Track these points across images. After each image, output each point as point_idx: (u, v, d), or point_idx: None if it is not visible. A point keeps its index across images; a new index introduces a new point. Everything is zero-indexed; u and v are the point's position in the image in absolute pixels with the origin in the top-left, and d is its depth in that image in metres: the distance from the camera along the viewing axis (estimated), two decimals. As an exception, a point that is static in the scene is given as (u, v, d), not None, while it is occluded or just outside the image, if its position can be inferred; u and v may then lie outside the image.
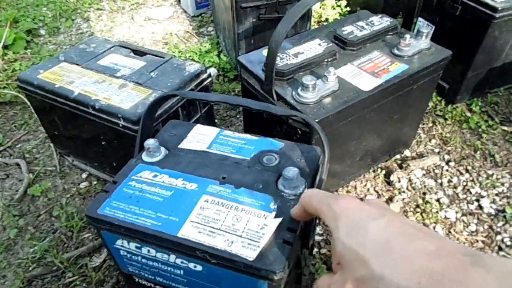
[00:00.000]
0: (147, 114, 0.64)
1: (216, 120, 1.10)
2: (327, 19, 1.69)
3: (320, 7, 1.70)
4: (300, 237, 0.57)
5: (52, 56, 1.58)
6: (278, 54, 0.72)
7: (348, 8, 1.71)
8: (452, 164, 1.08)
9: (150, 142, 0.62)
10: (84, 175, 1.09)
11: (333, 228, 0.31)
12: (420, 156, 1.11)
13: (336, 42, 0.88)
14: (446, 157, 1.10)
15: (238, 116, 1.28)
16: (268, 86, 0.75)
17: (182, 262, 0.55)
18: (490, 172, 1.05)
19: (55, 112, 0.93)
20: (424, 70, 0.83)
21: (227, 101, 0.58)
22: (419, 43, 0.85)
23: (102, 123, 0.83)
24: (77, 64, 0.95)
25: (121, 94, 0.83)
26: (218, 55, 1.51)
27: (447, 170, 1.07)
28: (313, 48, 0.83)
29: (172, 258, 0.55)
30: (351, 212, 0.31)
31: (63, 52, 1.01)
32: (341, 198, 0.33)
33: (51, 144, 1.17)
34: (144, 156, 0.63)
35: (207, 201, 0.55)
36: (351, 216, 0.31)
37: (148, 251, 0.56)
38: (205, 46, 1.57)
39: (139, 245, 0.56)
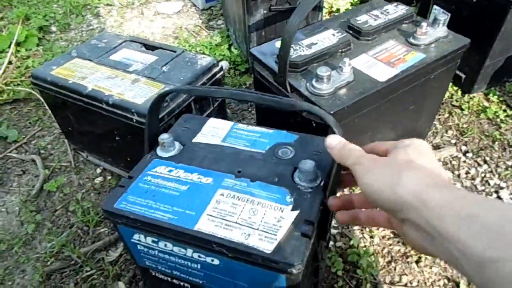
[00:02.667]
0: (152, 110, 0.62)
1: (227, 114, 1.10)
2: (338, 9, 1.66)
3: (331, -2, 1.68)
4: (317, 229, 0.57)
5: (64, 52, 1.60)
6: (292, 46, 0.71)
7: (359, -2, 1.68)
8: (469, 155, 1.06)
9: (164, 137, 0.62)
10: (98, 170, 1.10)
11: (403, 146, 0.39)
12: (437, 147, 1.09)
13: (350, 32, 0.86)
14: (464, 148, 1.08)
15: (250, 109, 1.28)
16: (281, 78, 0.74)
17: (199, 256, 0.55)
18: (509, 163, 1.03)
19: (69, 108, 0.93)
20: (442, 59, 0.81)
21: (235, 97, 0.57)
22: (436, 31, 0.83)
23: (116, 118, 0.83)
24: (90, 60, 0.95)
25: (134, 89, 0.83)
26: (229, 48, 1.50)
27: (464, 162, 1.05)
28: (326, 38, 0.81)
29: (189, 252, 0.55)
30: (421, 146, 0.40)
31: (75, 48, 1.01)
32: (415, 139, 0.41)
33: (66, 140, 1.18)
34: (159, 151, 0.63)
35: (223, 195, 0.55)
36: (420, 148, 0.39)
37: (165, 245, 0.56)
38: (216, 40, 1.57)
39: (156, 239, 0.57)
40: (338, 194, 0.53)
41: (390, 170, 0.36)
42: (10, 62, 1.54)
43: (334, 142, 0.45)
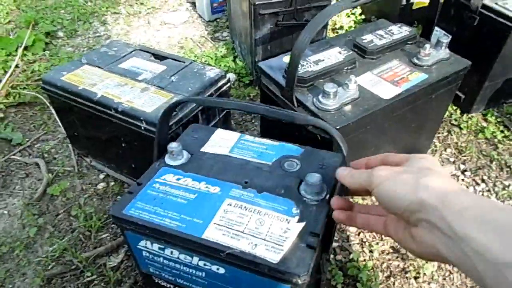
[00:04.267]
0: (163, 119, 0.63)
1: (232, 125, 1.12)
2: (341, 27, 1.70)
3: (335, 15, 1.71)
4: (321, 242, 0.58)
5: (70, 58, 1.62)
6: (300, 61, 0.73)
7: (362, 16, 1.72)
8: (468, 173, 1.08)
9: (173, 146, 0.64)
10: (101, 176, 1.11)
11: (417, 158, 0.41)
12: (436, 165, 1.10)
13: (356, 50, 0.89)
14: (462, 166, 1.10)
15: (253, 121, 1.30)
16: (289, 93, 0.76)
17: (205, 264, 0.56)
18: (506, 182, 1.05)
19: (76, 113, 0.95)
20: (443, 80, 0.83)
21: (247, 109, 0.58)
22: (439, 53, 0.86)
23: (124, 126, 0.84)
24: (99, 67, 0.97)
25: (143, 98, 0.85)
26: (234, 60, 1.53)
27: (463, 180, 1.06)
28: (333, 56, 0.84)
29: (195, 260, 0.56)
30: (434, 160, 0.41)
31: (85, 55, 1.03)
32: (427, 155, 0.44)
33: (70, 145, 1.19)
34: (168, 159, 0.65)
35: (231, 205, 0.56)
36: (433, 161, 0.41)
37: (171, 252, 0.57)
38: (221, 51, 1.59)
39: (162, 246, 0.57)
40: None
41: (410, 176, 0.37)
42: (17, 66, 1.55)
43: (345, 171, 0.47)
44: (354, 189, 0.46)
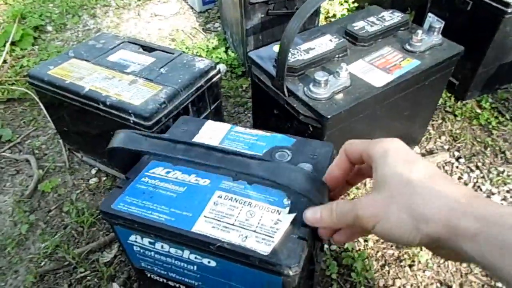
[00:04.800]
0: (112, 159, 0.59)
1: (224, 116, 1.10)
2: (334, 15, 1.68)
3: (328, 3, 1.69)
4: (313, 232, 0.57)
5: (60, 52, 1.59)
6: (290, 50, 0.71)
7: (355, 4, 1.70)
8: (462, 160, 1.08)
9: (162, 138, 0.62)
10: (93, 171, 1.09)
11: (381, 159, 0.36)
12: (430, 152, 1.10)
13: (347, 37, 0.87)
14: (456, 153, 1.10)
15: (246, 112, 1.28)
16: (279, 82, 0.75)
17: (195, 258, 0.55)
18: (500, 168, 1.05)
19: (65, 108, 0.93)
20: (436, 66, 0.82)
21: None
22: (431, 38, 0.85)
23: (113, 119, 0.83)
24: (87, 60, 0.95)
25: (131, 90, 0.83)
26: (226, 51, 1.51)
27: (457, 167, 1.06)
28: (324, 43, 0.82)
29: (185, 253, 0.55)
30: (401, 149, 0.37)
31: (73, 48, 1.01)
32: (386, 139, 0.38)
33: (60, 140, 1.17)
34: (157, 152, 0.63)
35: (221, 197, 0.55)
36: (402, 151, 0.36)
37: (162, 246, 0.57)
38: (212, 42, 1.57)
39: (152, 241, 0.57)
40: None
41: (399, 206, 0.32)
42: (5, 61, 1.53)
43: (316, 213, 0.43)
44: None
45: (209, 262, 0.54)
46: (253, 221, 0.52)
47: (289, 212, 0.53)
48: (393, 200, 0.33)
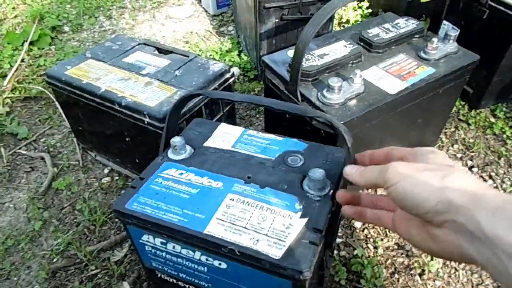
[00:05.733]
0: (173, 112, 0.64)
1: (236, 119, 1.11)
2: (348, 21, 1.68)
3: (342, 9, 1.69)
4: (324, 237, 0.57)
5: (76, 53, 1.62)
6: (304, 55, 0.72)
7: (369, 10, 1.70)
8: (475, 170, 1.06)
9: (176, 140, 0.63)
10: (106, 170, 1.11)
11: (430, 151, 0.39)
12: (442, 161, 1.09)
13: (362, 44, 0.88)
14: (469, 162, 1.09)
15: (258, 116, 1.29)
16: (293, 87, 0.75)
17: (206, 259, 0.56)
18: (514, 179, 1.03)
19: (81, 107, 0.95)
20: (451, 74, 0.82)
21: (252, 101, 0.58)
22: (446, 46, 0.84)
23: (128, 120, 0.84)
24: (103, 61, 0.97)
25: (146, 92, 0.85)
26: (239, 55, 1.52)
27: (470, 176, 1.05)
28: (338, 49, 0.83)
29: (197, 255, 0.56)
30: (445, 154, 0.40)
31: (90, 49, 1.03)
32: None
33: (75, 139, 1.19)
34: (170, 154, 0.64)
35: (233, 200, 0.56)
36: (445, 155, 0.40)
37: (174, 247, 0.57)
38: (226, 46, 1.58)
39: (164, 241, 0.57)
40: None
41: (433, 174, 0.35)
42: (22, 60, 1.56)
43: (353, 169, 0.45)
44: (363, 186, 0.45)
45: (220, 264, 0.55)
46: (265, 225, 0.52)
47: (301, 217, 0.53)
48: (429, 168, 0.36)
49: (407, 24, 0.91)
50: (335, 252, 0.87)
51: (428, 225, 0.35)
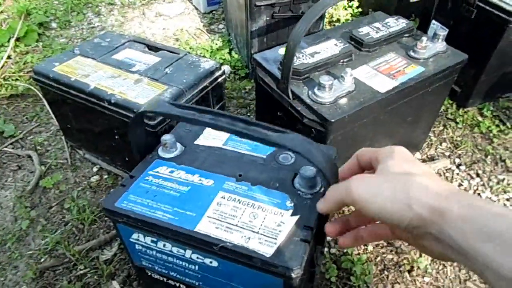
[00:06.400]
0: (133, 127, 0.60)
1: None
2: (338, 20, 1.69)
3: (332, 8, 1.70)
4: (315, 235, 0.58)
5: (64, 50, 1.59)
6: (295, 53, 0.72)
7: (360, 9, 1.71)
8: (462, 168, 1.08)
9: (167, 138, 0.63)
10: (95, 169, 1.09)
11: (388, 156, 0.39)
12: (431, 159, 1.11)
13: (352, 42, 0.88)
14: (457, 160, 1.10)
15: (249, 114, 1.29)
16: (284, 85, 0.75)
17: (197, 258, 0.55)
18: (501, 177, 1.05)
19: (69, 105, 0.94)
20: (440, 73, 0.83)
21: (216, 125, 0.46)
22: (436, 45, 0.85)
23: (117, 118, 0.83)
24: (92, 58, 0.96)
25: (136, 89, 0.84)
26: (230, 53, 1.52)
27: (457, 174, 1.07)
28: (329, 48, 0.83)
29: (188, 253, 0.56)
30: (405, 152, 0.40)
31: (78, 45, 1.02)
32: (393, 146, 0.41)
33: (63, 137, 1.17)
34: (161, 152, 0.64)
35: (224, 198, 0.56)
36: (406, 154, 0.39)
37: (164, 245, 0.57)
38: (216, 44, 1.58)
39: (155, 239, 0.57)
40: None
41: (396, 187, 0.34)
42: (9, 57, 1.53)
43: (321, 203, 0.44)
44: (337, 210, 0.45)
45: (211, 262, 0.55)
46: (256, 223, 0.52)
47: (292, 215, 0.53)
48: (390, 181, 0.36)
49: (397, 24, 0.92)
50: (326, 249, 0.87)
51: (414, 236, 0.35)
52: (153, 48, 1.00)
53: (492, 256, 0.27)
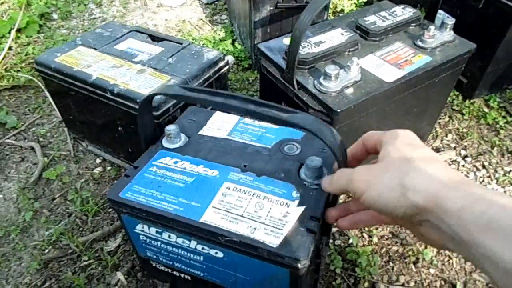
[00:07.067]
0: (142, 111, 0.58)
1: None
2: (342, 10, 1.66)
3: (336, -2, 1.68)
4: (321, 226, 0.57)
5: (65, 41, 1.58)
6: (301, 42, 0.71)
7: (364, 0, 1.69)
8: (468, 159, 1.07)
9: (171, 128, 0.62)
10: (98, 160, 1.09)
11: (390, 141, 0.38)
12: (437, 150, 1.09)
13: (358, 32, 0.86)
14: (463, 152, 1.09)
15: (252, 105, 1.27)
16: (289, 75, 0.74)
17: (203, 248, 0.55)
18: (507, 168, 1.04)
19: (72, 96, 0.93)
20: (448, 63, 0.81)
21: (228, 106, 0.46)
22: (443, 35, 0.84)
23: (120, 108, 0.82)
24: (94, 49, 0.95)
25: (139, 79, 0.83)
26: (233, 44, 1.50)
27: (463, 166, 1.06)
28: (335, 37, 0.81)
29: (193, 244, 0.55)
30: (410, 135, 0.39)
31: (80, 36, 1.01)
32: (398, 129, 0.40)
33: (65, 129, 1.17)
34: (165, 142, 0.63)
35: (229, 188, 0.55)
36: (410, 137, 0.38)
37: (169, 236, 0.56)
38: (219, 34, 1.56)
39: (159, 230, 0.56)
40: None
41: (393, 176, 0.34)
42: (10, 48, 1.52)
43: (327, 182, 0.45)
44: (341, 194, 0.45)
45: (216, 253, 0.54)
46: (262, 213, 0.51)
47: (298, 205, 0.52)
48: (388, 169, 0.35)
49: (403, 12, 0.90)
50: (331, 241, 0.87)
51: (413, 224, 0.35)
52: (155, 38, 0.99)
53: (492, 248, 0.26)
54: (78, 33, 1.69)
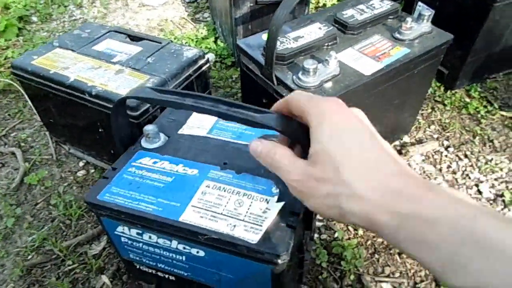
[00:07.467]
0: (115, 115, 0.57)
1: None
2: (324, 5, 1.67)
3: (318, -7, 1.68)
4: (303, 220, 0.57)
5: (45, 44, 1.55)
6: (278, 38, 0.70)
7: (346, -6, 1.69)
8: (451, 149, 1.08)
9: (149, 128, 0.61)
10: (81, 164, 1.07)
11: (315, 125, 0.32)
12: (419, 141, 1.11)
13: (337, 26, 0.87)
14: (445, 142, 1.10)
15: (235, 97, 1.27)
16: (268, 71, 0.74)
17: (184, 248, 0.54)
18: (489, 157, 1.06)
19: (50, 99, 0.91)
20: (426, 54, 0.82)
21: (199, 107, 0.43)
22: (421, 26, 0.84)
23: (99, 110, 0.81)
24: (72, 50, 0.93)
25: (118, 80, 0.82)
26: (215, 42, 1.49)
27: (446, 156, 1.07)
28: (313, 32, 0.81)
29: (174, 243, 0.55)
30: (337, 116, 0.32)
31: (57, 38, 0.99)
32: (329, 99, 0.34)
33: (47, 133, 1.15)
34: (144, 143, 0.63)
35: (209, 186, 0.55)
36: (336, 120, 0.32)
37: (150, 237, 0.56)
38: (202, 33, 1.55)
39: (140, 231, 0.56)
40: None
41: (329, 192, 0.31)
42: (-12, 52, 1.49)
43: (258, 148, 0.38)
44: None
45: (197, 252, 0.54)
46: (241, 210, 0.51)
47: (278, 201, 0.52)
48: (324, 181, 0.31)
49: (381, 5, 0.90)
50: (316, 235, 0.87)
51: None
52: (134, 38, 0.98)
53: (429, 264, 0.27)
54: (58, 35, 1.66)
